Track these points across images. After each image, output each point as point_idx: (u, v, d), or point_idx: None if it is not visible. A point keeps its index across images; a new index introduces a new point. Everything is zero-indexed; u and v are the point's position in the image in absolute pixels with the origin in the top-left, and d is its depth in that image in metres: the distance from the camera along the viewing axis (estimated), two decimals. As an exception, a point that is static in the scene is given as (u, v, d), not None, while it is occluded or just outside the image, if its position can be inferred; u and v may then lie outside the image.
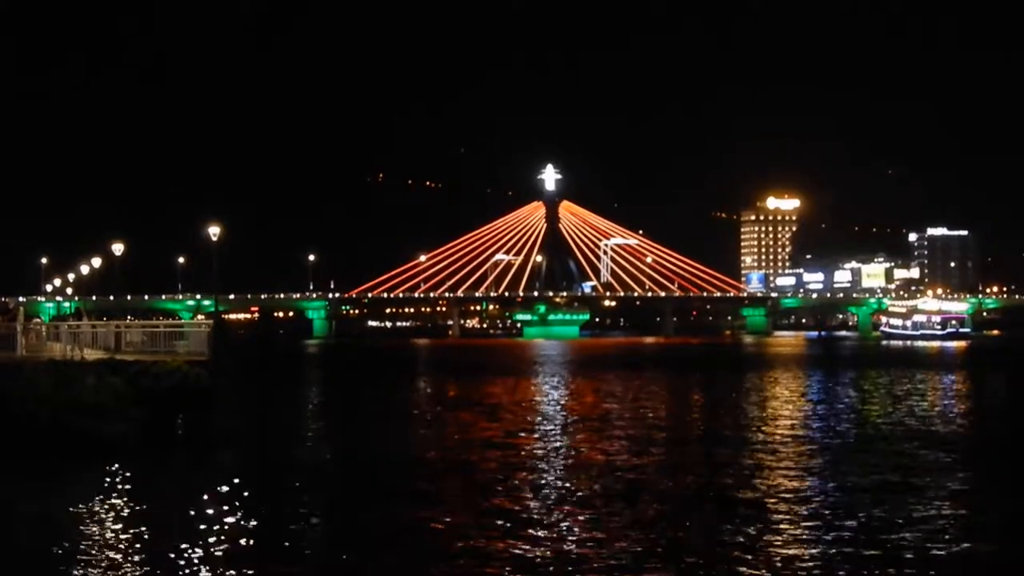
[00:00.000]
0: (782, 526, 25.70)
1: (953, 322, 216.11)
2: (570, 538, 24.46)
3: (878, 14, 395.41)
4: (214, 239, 69.00)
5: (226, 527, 26.02)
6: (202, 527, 25.98)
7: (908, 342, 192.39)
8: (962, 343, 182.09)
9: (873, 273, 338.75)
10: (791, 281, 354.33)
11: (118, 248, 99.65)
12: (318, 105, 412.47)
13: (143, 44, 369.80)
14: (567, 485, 31.99)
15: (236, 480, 33.73)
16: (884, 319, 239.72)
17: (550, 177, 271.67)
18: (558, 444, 42.04)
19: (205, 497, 30.12)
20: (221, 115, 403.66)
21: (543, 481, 32.66)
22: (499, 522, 26.21)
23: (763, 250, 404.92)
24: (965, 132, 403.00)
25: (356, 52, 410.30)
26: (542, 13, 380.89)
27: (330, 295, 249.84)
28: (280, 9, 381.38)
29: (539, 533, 24.94)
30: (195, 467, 37.64)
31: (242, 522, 26.74)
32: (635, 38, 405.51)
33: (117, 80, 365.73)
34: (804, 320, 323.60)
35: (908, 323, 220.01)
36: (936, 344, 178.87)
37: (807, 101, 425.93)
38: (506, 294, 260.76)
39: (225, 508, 28.54)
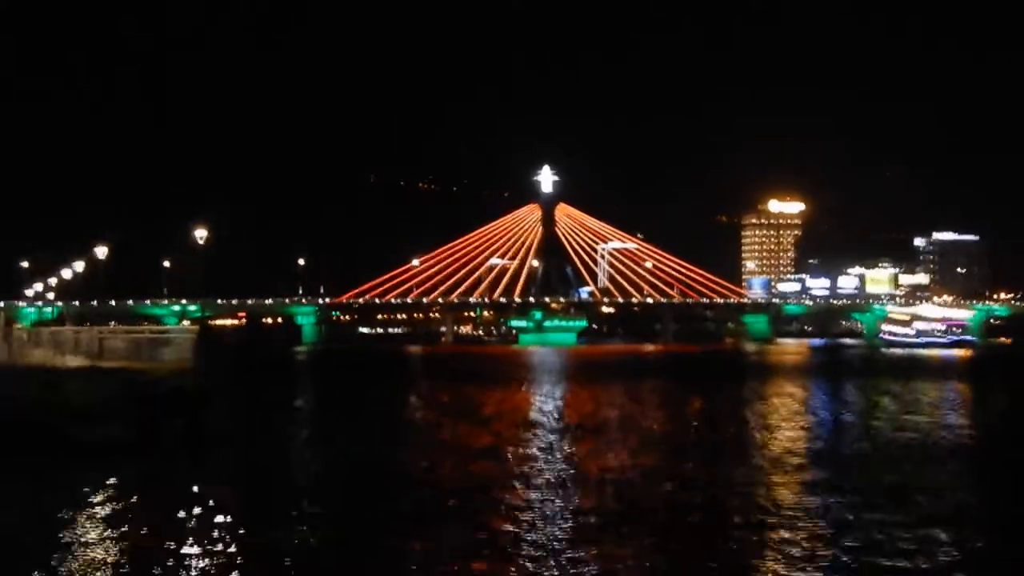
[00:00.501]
0: (782, 544, 25.74)
1: (955, 329, 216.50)
2: (566, 556, 24.47)
3: (878, 14, 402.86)
4: (201, 242, 68.97)
5: (211, 538, 26.03)
6: (185, 537, 25.99)
7: (910, 350, 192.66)
8: (965, 351, 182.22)
9: (879, 279, 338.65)
10: (794, 287, 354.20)
11: (102, 251, 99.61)
12: (311, 106, 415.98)
13: (144, 44, 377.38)
14: (563, 499, 32.01)
15: (221, 490, 33.73)
16: (885, 326, 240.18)
17: (547, 178, 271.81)
18: (554, 455, 42.06)
19: (189, 507, 30.13)
20: (208, 116, 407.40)
21: (538, 494, 32.68)
22: (491, 538, 26.23)
23: (765, 255, 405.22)
24: (972, 133, 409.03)
25: (355, 52, 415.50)
26: (542, 13, 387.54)
27: (320, 300, 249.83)
28: (279, 9, 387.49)
29: (534, 552, 24.95)
30: (177, 479, 37.63)
31: (226, 534, 26.75)
32: (635, 38, 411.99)
33: (100, 81, 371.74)
34: (808, 327, 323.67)
35: (910, 330, 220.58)
36: (938, 352, 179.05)
37: (808, 101, 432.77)
38: (501, 300, 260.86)
39: (211, 518, 28.53)
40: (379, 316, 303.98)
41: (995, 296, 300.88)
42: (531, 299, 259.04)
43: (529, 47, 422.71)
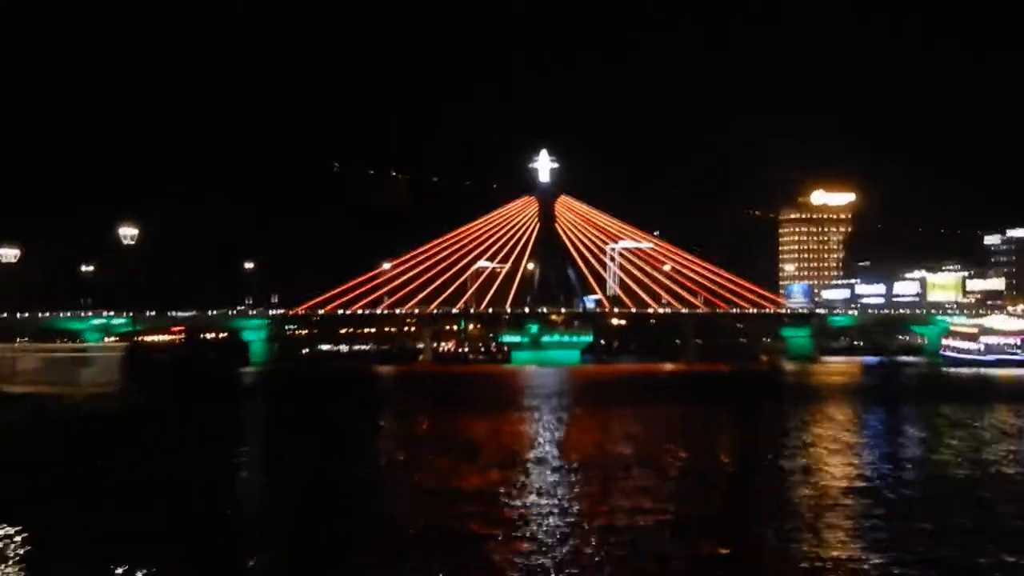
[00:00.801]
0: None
1: None
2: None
3: (878, 14, 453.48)
4: (129, 242, 68.79)
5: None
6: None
7: (977, 369, 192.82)
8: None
9: (943, 284, 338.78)
10: (842, 294, 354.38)
11: (10, 254, 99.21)
12: (310, 106, 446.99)
13: (144, 44, 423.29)
14: (563, 551, 31.89)
15: (147, 539, 33.61)
16: (947, 341, 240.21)
17: (544, 165, 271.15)
18: (555, 498, 41.94)
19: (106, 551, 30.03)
20: (209, 116, 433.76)
21: (531, 546, 32.56)
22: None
23: (807, 256, 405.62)
24: (972, 133, 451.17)
25: (355, 52, 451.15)
26: (542, 13, 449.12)
27: (272, 312, 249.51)
28: (279, 9, 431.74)
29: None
30: (93, 526, 37.51)
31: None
32: (635, 38, 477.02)
33: (100, 81, 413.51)
34: (859, 342, 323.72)
35: (976, 346, 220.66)
36: (1011, 372, 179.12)
37: (808, 101, 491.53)
38: (490, 310, 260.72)
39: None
40: (343, 331, 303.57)
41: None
42: (526, 309, 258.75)
43: (529, 47, 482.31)
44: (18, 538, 34.16)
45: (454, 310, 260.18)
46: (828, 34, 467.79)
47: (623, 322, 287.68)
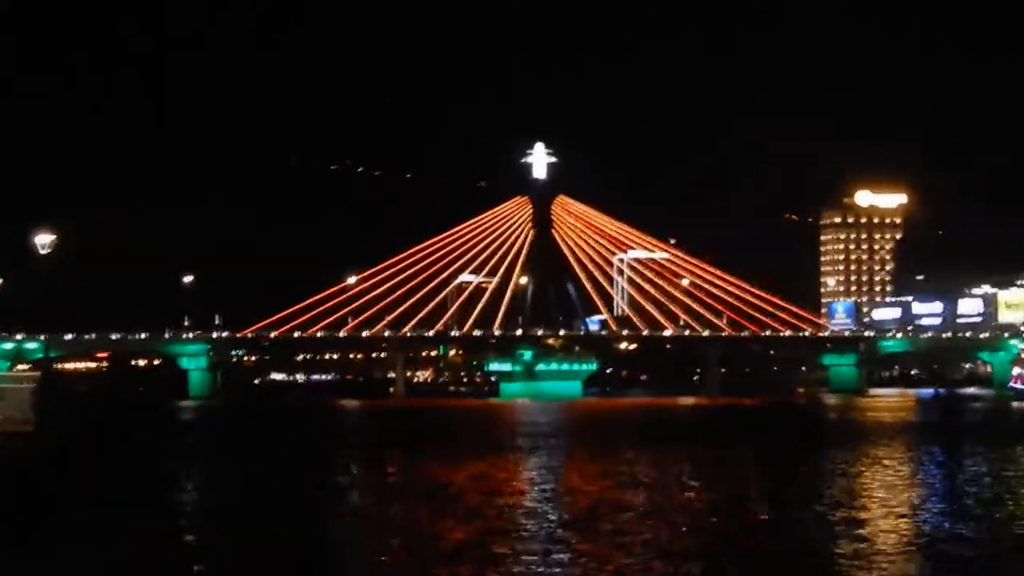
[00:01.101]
0: None
1: None
2: None
3: (878, 14, 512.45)
4: (44, 251, 68.73)
5: None
6: None
7: None
8: None
9: (1015, 302, 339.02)
10: (894, 313, 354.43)
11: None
12: (310, 105, 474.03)
13: (144, 44, 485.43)
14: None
15: None
16: (1019, 370, 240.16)
17: (540, 160, 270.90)
18: (552, 555, 42.04)
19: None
20: (209, 116, 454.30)
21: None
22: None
23: (853, 268, 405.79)
24: (973, 133, 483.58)
25: (355, 52, 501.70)
26: (542, 13, 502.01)
27: (214, 335, 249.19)
28: (279, 9, 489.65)
29: None
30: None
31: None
32: (635, 38, 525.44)
33: (100, 81, 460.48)
34: (914, 371, 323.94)
35: None
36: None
37: (808, 101, 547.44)
38: (474, 333, 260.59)
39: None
40: (300, 357, 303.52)
41: None
42: (517, 332, 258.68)
43: (529, 47, 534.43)
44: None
45: (431, 333, 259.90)
46: (828, 34, 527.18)
47: (633, 347, 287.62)
